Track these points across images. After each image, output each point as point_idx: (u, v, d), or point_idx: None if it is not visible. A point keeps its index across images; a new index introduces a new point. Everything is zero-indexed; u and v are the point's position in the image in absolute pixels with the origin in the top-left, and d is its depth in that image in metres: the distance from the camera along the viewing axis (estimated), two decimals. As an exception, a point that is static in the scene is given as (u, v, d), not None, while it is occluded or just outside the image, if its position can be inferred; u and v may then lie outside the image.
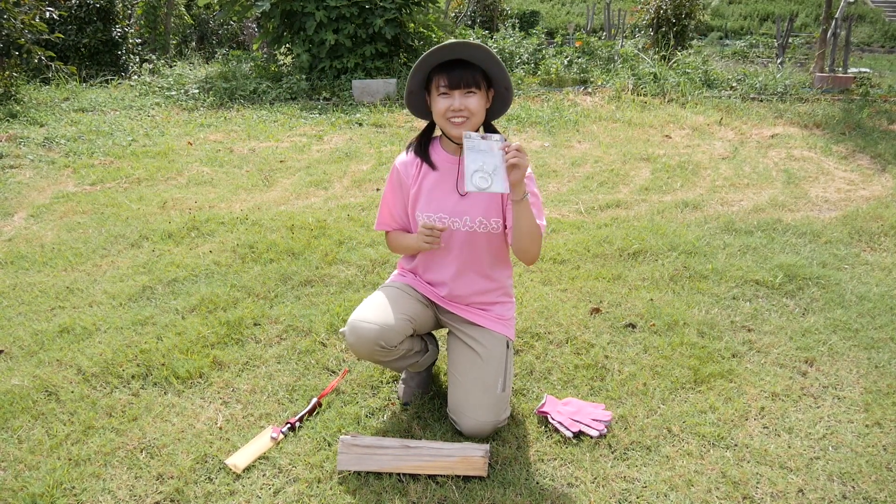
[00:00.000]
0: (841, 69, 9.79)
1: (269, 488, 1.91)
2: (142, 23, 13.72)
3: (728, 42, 20.61)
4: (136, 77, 10.12)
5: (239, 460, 1.99)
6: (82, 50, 10.73)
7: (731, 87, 8.77)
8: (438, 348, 2.42)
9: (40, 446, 2.09)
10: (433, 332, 2.39)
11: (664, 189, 4.96)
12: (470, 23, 17.31)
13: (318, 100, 8.56)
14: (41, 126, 6.84)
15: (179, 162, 5.67)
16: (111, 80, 9.92)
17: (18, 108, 7.40)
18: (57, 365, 2.53)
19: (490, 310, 2.22)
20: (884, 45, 21.66)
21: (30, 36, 7.87)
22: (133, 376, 2.46)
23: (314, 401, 2.26)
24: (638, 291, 3.17)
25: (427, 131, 2.18)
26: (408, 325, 2.07)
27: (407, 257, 2.30)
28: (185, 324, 2.82)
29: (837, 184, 5.11)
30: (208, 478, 1.96)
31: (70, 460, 2.02)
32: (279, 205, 4.57)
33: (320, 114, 7.72)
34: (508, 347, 2.18)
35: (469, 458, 1.91)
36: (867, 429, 2.18)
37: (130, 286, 3.20)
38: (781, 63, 11.42)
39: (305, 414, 2.20)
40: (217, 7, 12.02)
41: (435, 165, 2.14)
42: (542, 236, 2.07)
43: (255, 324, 2.85)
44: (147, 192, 4.81)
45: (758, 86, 8.58)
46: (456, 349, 2.19)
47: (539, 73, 9.85)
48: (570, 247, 3.69)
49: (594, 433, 2.10)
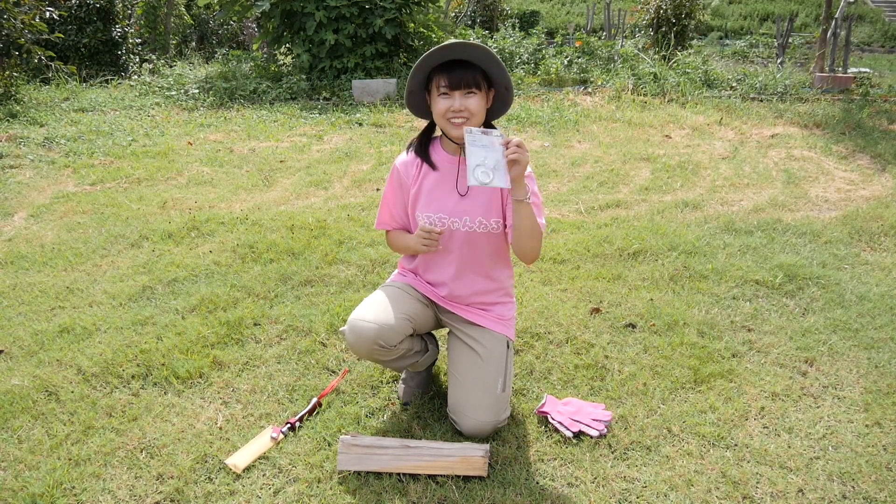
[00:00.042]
0: (841, 69, 9.79)
1: (269, 488, 1.91)
2: (142, 23, 13.73)
3: (728, 42, 20.60)
4: (136, 77, 10.13)
5: (239, 460, 1.99)
6: (82, 50, 10.73)
7: (731, 87, 8.76)
8: (438, 348, 2.42)
9: (40, 446, 2.09)
10: (433, 331, 2.39)
11: (664, 189, 4.96)
12: (470, 23, 17.31)
13: (318, 100, 8.56)
14: (41, 126, 6.84)
15: (179, 162, 5.67)
16: (111, 80, 9.92)
17: (18, 108, 7.40)
18: (57, 365, 2.53)
19: (490, 310, 2.22)
20: (884, 45, 21.66)
21: (30, 36, 7.87)
22: (133, 376, 2.46)
23: (314, 401, 2.26)
24: (638, 291, 3.17)
25: (427, 131, 2.18)
26: (407, 324, 2.07)
27: (407, 257, 2.30)
28: (185, 324, 2.82)
29: (837, 184, 5.11)
30: (208, 478, 1.96)
31: (70, 460, 2.02)
32: (279, 205, 4.57)
33: (320, 114, 7.72)
34: (509, 347, 2.18)
35: (469, 458, 1.91)
36: (867, 429, 2.18)
37: (130, 286, 3.20)
38: (781, 63, 11.41)
39: (305, 414, 2.20)
40: (217, 7, 12.02)
41: (435, 165, 2.14)
42: (543, 236, 2.07)
43: (255, 324, 2.85)
44: (147, 192, 4.81)
45: (758, 86, 8.58)
46: (456, 349, 2.19)
47: (539, 73, 9.85)
48: (570, 247, 3.70)
49: (594, 433, 2.10)
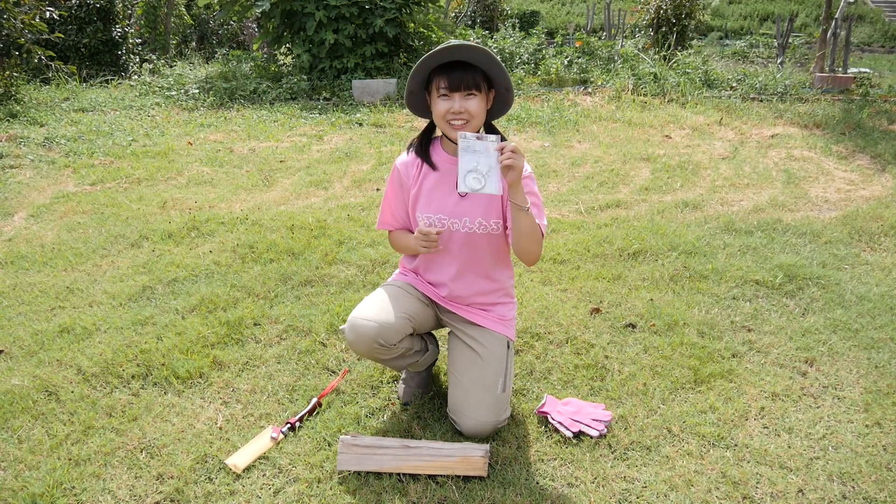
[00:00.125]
0: (841, 69, 9.79)
1: (269, 488, 1.92)
2: (142, 23, 13.73)
3: (728, 42, 20.60)
4: (136, 77, 10.12)
5: (239, 460, 1.99)
6: (82, 50, 10.73)
7: (731, 87, 8.76)
8: (438, 348, 2.42)
9: (40, 446, 2.09)
10: (433, 331, 2.39)
11: (664, 189, 4.96)
12: (470, 23, 17.31)
13: (318, 100, 8.56)
14: (41, 126, 6.83)
15: (179, 162, 5.67)
16: (111, 80, 9.92)
17: (18, 108, 7.40)
18: (57, 365, 2.53)
19: (491, 310, 2.22)
20: (884, 45, 21.67)
21: (30, 36, 7.87)
22: (133, 376, 2.46)
23: (314, 401, 2.26)
24: (638, 291, 3.17)
25: (428, 131, 2.18)
26: (407, 323, 2.07)
27: (408, 256, 2.30)
28: (185, 324, 2.82)
29: (837, 184, 5.11)
30: (208, 478, 1.96)
31: (70, 460, 2.02)
32: (279, 205, 4.57)
33: (320, 114, 7.72)
34: (509, 348, 2.18)
35: (469, 458, 1.91)
36: (867, 429, 2.18)
37: (130, 286, 3.20)
38: (781, 63, 11.41)
39: (305, 414, 2.20)
40: (217, 7, 12.03)
41: (435, 166, 2.14)
42: (544, 237, 2.07)
43: (255, 324, 2.85)
44: (147, 192, 4.81)
45: (758, 86, 8.58)
46: (456, 349, 2.19)
47: (539, 73, 9.85)
48: (570, 247, 3.70)
49: (594, 433, 2.10)
